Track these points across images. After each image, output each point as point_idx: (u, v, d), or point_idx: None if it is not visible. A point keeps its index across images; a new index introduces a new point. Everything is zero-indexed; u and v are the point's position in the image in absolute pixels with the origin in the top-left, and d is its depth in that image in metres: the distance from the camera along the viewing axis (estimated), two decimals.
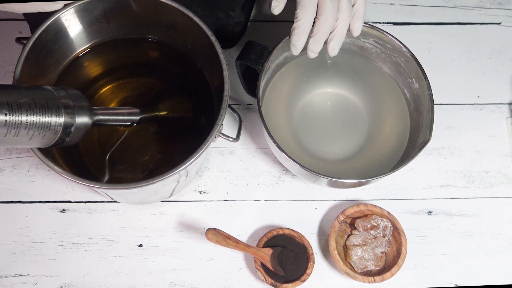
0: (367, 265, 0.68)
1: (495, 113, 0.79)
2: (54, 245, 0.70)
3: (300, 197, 0.73)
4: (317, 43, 0.58)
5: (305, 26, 0.56)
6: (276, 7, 0.57)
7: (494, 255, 0.72)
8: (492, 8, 0.85)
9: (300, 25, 0.56)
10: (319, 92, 0.73)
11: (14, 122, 0.45)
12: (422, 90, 0.67)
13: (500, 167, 0.76)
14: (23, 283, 0.68)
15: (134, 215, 0.71)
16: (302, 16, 0.55)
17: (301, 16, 0.55)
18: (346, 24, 0.58)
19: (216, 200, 0.73)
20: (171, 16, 0.62)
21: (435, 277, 0.71)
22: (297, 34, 0.57)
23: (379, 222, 0.69)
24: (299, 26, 0.56)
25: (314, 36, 0.57)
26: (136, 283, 0.69)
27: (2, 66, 0.77)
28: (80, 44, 0.65)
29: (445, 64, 0.82)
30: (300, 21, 0.56)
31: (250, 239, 0.71)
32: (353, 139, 0.71)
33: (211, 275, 0.70)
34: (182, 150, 0.65)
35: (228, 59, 0.75)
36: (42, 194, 0.72)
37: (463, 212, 0.74)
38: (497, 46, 0.83)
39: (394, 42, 0.67)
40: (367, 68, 0.73)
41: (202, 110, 0.67)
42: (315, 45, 0.58)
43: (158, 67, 0.70)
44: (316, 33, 0.57)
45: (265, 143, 0.74)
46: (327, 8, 0.55)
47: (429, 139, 0.63)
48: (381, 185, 0.75)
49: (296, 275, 0.67)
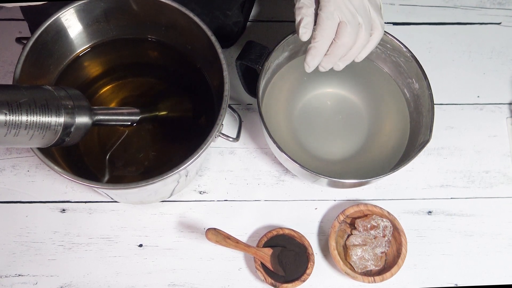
0: (367, 265, 0.68)
1: (495, 113, 0.79)
2: (54, 245, 0.70)
3: (300, 197, 0.73)
4: (329, 62, 0.58)
5: (322, 48, 0.56)
6: (303, 34, 0.56)
7: (494, 255, 0.72)
8: (492, 8, 0.85)
9: (317, 46, 0.56)
10: (319, 92, 0.73)
11: (14, 122, 0.45)
12: (422, 90, 0.67)
13: (500, 167, 0.76)
14: (23, 283, 0.68)
15: (134, 215, 0.71)
16: (319, 39, 0.55)
17: (319, 39, 0.55)
18: (359, 50, 0.58)
19: (216, 200, 0.73)
20: (171, 16, 0.62)
21: (435, 277, 0.71)
22: (312, 55, 0.56)
23: (379, 222, 0.69)
24: (315, 48, 0.56)
25: (328, 56, 0.57)
26: (136, 283, 0.69)
27: (2, 66, 0.77)
28: (80, 44, 0.65)
29: (445, 64, 0.82)
30: (318, 43, 0.56)
31: (250, 239, 0.71)
32: (353, 139, 0.71)
33: (211, 275, 0.70)
34: (182, 150, 0.65)
35: (228, 59, 0.75)
36: (42, 194, 0.72)
37: (463, 212, 0.74)
38: (497, 46, 0.83)
39: (394, 42, 0.67)
40: (367, 68, 0.73)
41: (202, 110, 0.67)
42: (327, 63, 0.58)
43: (158, 67, 0.70)
44: (330, 53, 0.57)
45: (265, 143, 0.74)
46: (346, 35, 0.55)
47: (429, 139, 0.63)
48: (381, 185, 0.75)
49: (296, 275, 0.67)
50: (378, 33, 0.59)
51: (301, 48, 0.70)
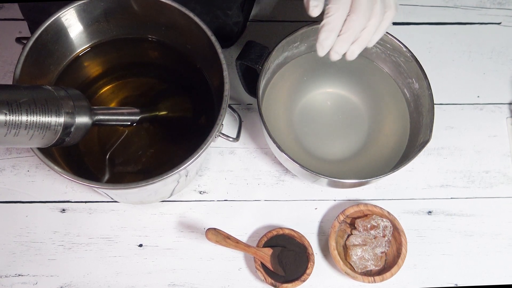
0: (367, 265, 0.68)
1: (495, 113, 0.79)
2: (54, 245, 0.70)
3: (300, 197, 0.73)
4: (344, 43, 0.52)
5: (337, 23, 0.50)
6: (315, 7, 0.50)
7: (494, 255, 0.72)
8: (492, 8, 0.85)
9: (331, 21, 0.49)
10: (319, 92, 0.73)
11: (14, 122, 0.45)
12: (422, 90, 0.67)
13: (500, 167, 0.76)
14: (23, 283, 0.68)
15: (134, 215, 0.71)
16: (334, 12, 0.49)
17: (333, 12, 0.49)
18: (374, 29, 0.52)
19: (216, 200, 0.73)
20: (171, 16, 0.62)
21: (435, 277, 0.71)
22: (326, 31, 0.50)
23: (379, 222, 0.69)
24: (329, 23, 0.49)
25: (342, 35, 0.51)
26: (136, 283, 0.69)
27: (2, 66, 0.77)
28: (80, 44, 0.65)
29: (445, 64, 0.82)
30: (332, 17, 0.49)
31: (250, 239, 0.71)
32: (353, 139, 0.71)
33: (211, 275, 0.70)
34: (182, 150, 0.65)
35: (228, 59, 0.75)
36: (42, 194, 0.72)
37: (463, 212, 0.74)
38: (497, 46, 0.83)
39: (394, 42, 0.67)
40: (367, 68, 0.72)
41: (202, 110, 0.67)
42: (342, 45, 0.52)
43: (158, 67, 0.70)
44: (345, 31, 0.51)
45: (265, 143, 0.74)
46: (362, 6, 0.49)
47: (429, 139, 0.63)
48: (381, 185, 0.75)
49: (296, 275, 0.67)
50: (391, 13, 0.53)
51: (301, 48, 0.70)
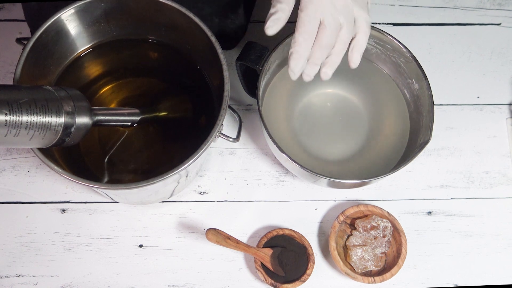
0: (367, 265, 0.68)
1: (495, 113, 0.79)
2: (54, 246, 0.70)
3: (300, 198, 0.73)
4: (313, 66, 0.56)
5: (304, 51, 0.54)
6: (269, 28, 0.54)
7: (494, 256, 0.72)
8: (492, 9, 0.85)
9: (298, 50, 0.54)
10: (319, 93, 0.73)
11: (14, 122, 0.45)
12: (422, 91, 0.67)
13: (500, 168, 0.76)
14: (23, 284, 0.68)
15: (134, 216, 0.71)
16: (301, 42, 0.54)
17: (300, 42, 0.54)
18: (340, 55, 0.56)
19: (216, 201, 0.73)
20: (171, 17, 0.62)
21: (435, 277, 0.71)
22: (295, 59, 0.55)
23: (379, 223, 0.69)
24: (297, 51, 0.54)
25: (310, 60, 0.56)
26: (136, 284, 0.69)
27: (3, 67, 0.77)
28: (80, 44, 0.65)
29: (445, 64, 0.82)
30: (298, 47, 0.54)
31: (250, 239, 0.71)
32: (353, 140, 0.71)
33: (211, 276, 0.70)
34: (182, 150, 0.65)
35: (228, 59, 0.75)
36: (42, 195, 0.72)
37: (463, 213, 0.74)
38: (497, 47, 0.83)
39: (394, 43, 0.68)
40: (367, 69, 0.73)
41: (202, 110, 0.67)
42: (311, 68, 0.56)
43: (158, 68, 0.70)
44: (312, 57, 0.55)
45: (265, 144, 0.74)
46: (324, 38, 0.54)
47: (429, 140, 0.63)
48: (381, 185, 0.75)
49: (296, 275, 0.67)
50: (363, 32, 0.57)
51: None
